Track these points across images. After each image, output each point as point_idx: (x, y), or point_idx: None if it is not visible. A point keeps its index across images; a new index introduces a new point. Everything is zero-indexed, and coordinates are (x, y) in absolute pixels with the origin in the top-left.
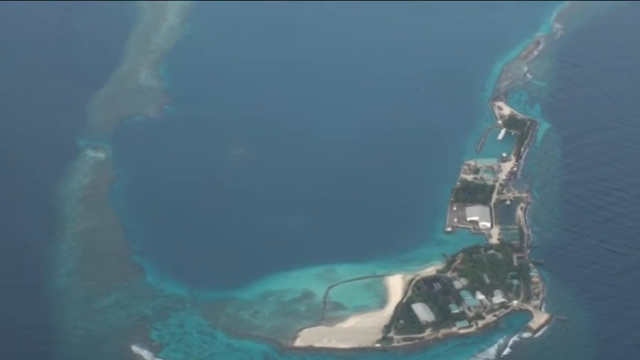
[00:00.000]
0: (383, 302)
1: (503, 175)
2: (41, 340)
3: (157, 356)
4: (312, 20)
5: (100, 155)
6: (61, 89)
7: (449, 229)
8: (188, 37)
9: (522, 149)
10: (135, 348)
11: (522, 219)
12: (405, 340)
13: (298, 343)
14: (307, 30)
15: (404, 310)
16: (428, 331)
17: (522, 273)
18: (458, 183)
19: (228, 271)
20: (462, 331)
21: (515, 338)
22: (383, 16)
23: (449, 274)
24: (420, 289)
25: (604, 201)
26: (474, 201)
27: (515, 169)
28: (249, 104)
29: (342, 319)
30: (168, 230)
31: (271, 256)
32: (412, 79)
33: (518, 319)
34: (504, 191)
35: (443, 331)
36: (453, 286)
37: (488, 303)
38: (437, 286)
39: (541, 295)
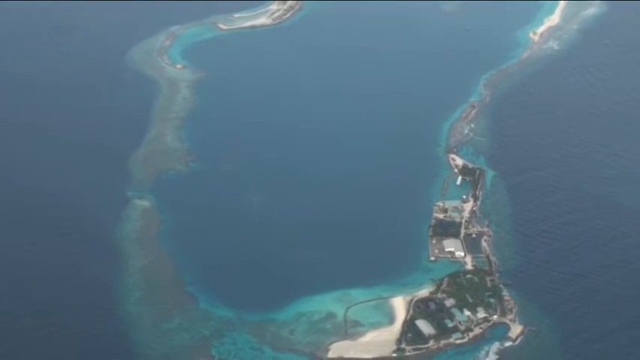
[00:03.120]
0: (391, 319)
1: (466, 214)
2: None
3: None
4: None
5: (146, 204)
6: (106, 151)
7: (432, 258)
8: (199, 106)
9: (477, 192)
10: None
11: (487, 249)
12: (414, 350)
13: (331, 354)
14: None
15: (409, 326)
16: (431, 342)
17: (496, 293)
18: (433, 220)
19: (265, 297)
20: (457, 342)
21: (499, 346)
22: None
23: (439, 295)
24: (419, 308)
25: (541, 229)
26: (447, 235)
27: (474, 208)
28: (258, 159)
29: (361, 334)
30: (209, 264)
31: (297, 284)
32: (379, 136)
33: (499, 331)
34: (469, 227)
35: (443, 342)
36: (444, 304)
37: (474, 318)
38: (432, 305)
39: (514, 310)
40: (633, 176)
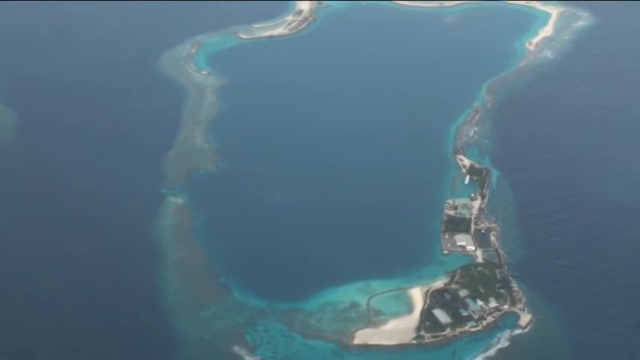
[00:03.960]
0: (410, 309)
1: (475, 211)
2: (163, 346)
3: (253, 354)
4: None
5: (179, 200)
6: (142, 151)
7: (445, 252)
8: (225, 110)
9: (484, 191)
10: (236, 348)
11: (496, 243)
12: (432, 337)
13: (356, 341)
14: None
15: (427, 315)
16: (448, 330)
17: (505, 284)
18: (444, 217)
19: (293, 288)
20: (472, 330)
21: (511, 333)
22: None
23: (453, 286)
24: (436, 298)
25: (541, 224)
26: (459, 230)
27: (482, 206)
28: (280, 158)
29: (383, 322)
30: (240, 257)
31: (322, 275)
32: (393, 137)
33: (510, 319)
34: (478, 223)
35: (459, 330)
36: (458, 295)
37: (487, 307)
38: (446, 295)
39: (522, 300)
40: (623, 175)
